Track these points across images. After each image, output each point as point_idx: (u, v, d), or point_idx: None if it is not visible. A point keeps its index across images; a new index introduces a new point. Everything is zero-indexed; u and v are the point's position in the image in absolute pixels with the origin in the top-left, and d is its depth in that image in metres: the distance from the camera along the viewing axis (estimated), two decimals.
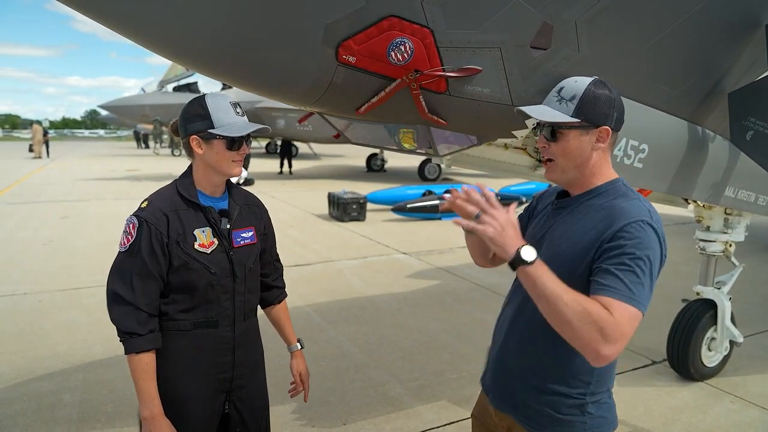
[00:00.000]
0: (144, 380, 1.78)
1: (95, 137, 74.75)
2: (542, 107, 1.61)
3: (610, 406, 1.64)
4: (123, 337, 1.78)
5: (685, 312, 4.08)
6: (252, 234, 2.00)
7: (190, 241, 1.82)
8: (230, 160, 1.84)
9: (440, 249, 8.47)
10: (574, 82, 1.56)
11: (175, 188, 1.88)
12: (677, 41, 2.54)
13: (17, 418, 3.44)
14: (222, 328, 1.92)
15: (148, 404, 1.78)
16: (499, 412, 1.73)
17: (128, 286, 1.77)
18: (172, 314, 1.85)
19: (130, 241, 1.79)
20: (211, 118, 1.78)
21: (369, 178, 19.40)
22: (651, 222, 1.44)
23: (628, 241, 1.41)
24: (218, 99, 1.82)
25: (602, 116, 1.53)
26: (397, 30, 2.05)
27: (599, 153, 1.57)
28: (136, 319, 1.76)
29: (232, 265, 1.90)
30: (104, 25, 1.94)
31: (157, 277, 1.80)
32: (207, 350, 1.90)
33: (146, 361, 1.78)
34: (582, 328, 1.32)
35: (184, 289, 1.84)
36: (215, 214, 1.89)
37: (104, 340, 4.64)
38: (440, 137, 2.70)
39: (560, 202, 1.66)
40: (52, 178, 18.01)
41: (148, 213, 1.80)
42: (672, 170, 2.83)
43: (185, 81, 24.06)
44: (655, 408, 3.72)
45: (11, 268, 6.89)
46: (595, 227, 1.49)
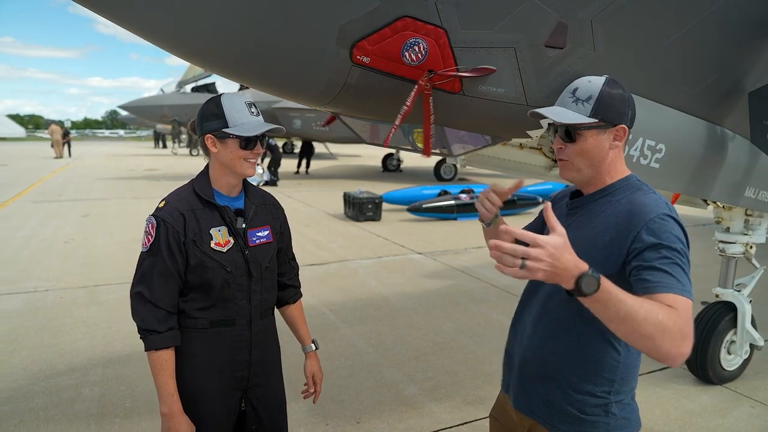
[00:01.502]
0: (163, 377, 1.81)
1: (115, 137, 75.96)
2: (558, 109, 1.59)
3: (633, 408, 1.63)
4: (143, 334, 1.81)
5: (704, 314, 4.03)
6: (268, 233, 2.01)
7: (206, 240, 1.84)
8: (244, 160, 1.85)
9: (455, 249, 8.45)
10: (588, 82, 1.55)
11: (191, 188, 1.91)
12: (695, 40, 2.51)
13: (38, 412, 3.51)
14: (239, 326, 1.93)
15: (167, 401, 1.81)
16: (521, 413, 1.72)
17: (149, 284, 1.80)
18: (190, 312, 1.88)
19: (150, 240, 1.82)
20: (225, 118, 1.80)
21: (385, 178, 19.43)
22: (671, 214, 1.45)
23: (661, 236, 1.39)
24: (233, 99, 1.84)
25: (619, 115, 1.53)
26: (411, 30, 2.06)
27: (615, 151, 1.57)
28: (155, 316, 1.79)
29: (247, 263, 1.92)
30: (126, 28, 1.97)
31: (176, 275, 1.83)
32: (224, 348, 1.92)
33: (165, 358, 1.81)
34: (664, 338, 1.24)
35: (201, 288, 1.87)
36: (231, 213, 1.91)
37: (123, 337, 4.72)
38: (455, 137, 2.70)
39: (575, 202, 1.65)
40: (74, 177, 18.32)
41: (165, 213, 1.83)
42: (690, 170, 2.80)
43: (203, 82, 24.27)
44: (672, 411, 3.68)
45: (34, 265, 7.03)
46: (616, 224, 1.48)
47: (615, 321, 1.26)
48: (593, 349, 1.49)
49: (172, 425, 1.81)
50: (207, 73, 22.42)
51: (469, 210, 11.03)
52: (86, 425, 3.38)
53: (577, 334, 1.53)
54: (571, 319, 1.55)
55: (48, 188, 15.01)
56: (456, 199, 11.08)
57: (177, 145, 33.42)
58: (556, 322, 1.58)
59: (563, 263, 1.22)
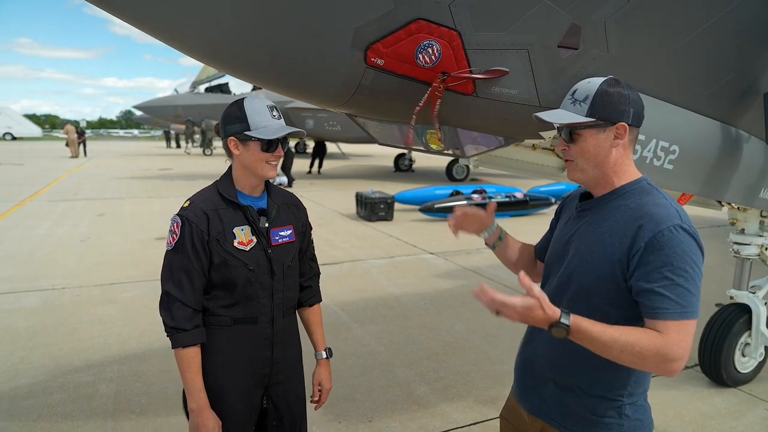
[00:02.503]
0: (190, 373, 1.85)
1: (129, 137, 76.66)
2: (558, 111, 1.61)
3: (646, 408, 1.63)
4: (170, 332, 1.85)
5: (718, 316, 4.00)
6: (290, 232, 2.05)
7: (229, 239, 1.88)
8: (265, 162, 1.89)
9: (467, 249, 8.44)
10: (587, 83, 1.56)
11: (215, 188, 1.96)
12: (710, 40, 2.50)
13: (56, 408, 3.58)
14: (261, 324, 1.97)
15: (194, 396, 1.85)
16: (532, 415, 1.72)
17: (175, 282, 1.85)
18: (214, 310, 1.92)
19: (175, 239, 1.86)
20: (247, 121, 1.85)
21: (397, 178, 19.43)
22: (682, 224, 1.42)
23: (666, 252, 1.39)
24: (256, 102, 1.88)
25: (617, 113, 1.51)
26: (425, 33, 2.07)
27: (619, 150, 1.55)
28: (182, 314, 1.84)
29: (270, 262, 1.95)
30: (141, 29, 2.01)
31: (201, 273, 1.87)
32: (246, 346, 1.95)
33: (192, 355, 1.85)
34: (646, 363, 1.38)
35: (225, 286, 1.90)
36: (254, 212, 1.94)
37: (138, 335, 4.79)
38: (467, 138, 2.71)
39: (584, 204, 1.65)
40: (89, 176, 18.54)
41: (190, 212, 1.87)
42: (704, 172, 2.78)
43: (216, 82, 24.50)
44: (685, 413, 3.66)
45: (51, 264, 7.14)
46: (623, 230, 1.47)
47: (596, 351, 1.41)
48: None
49: (200, 420, 1.85)
50: (220, 74, 22.63)
51: None
52: (102, 421, 3.43)
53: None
54: None
55: (64, 187, 15.21)
56: (468, 199, 11.06)
57: (190, 145, 33.70)
58: None
59: (534, 320, 1.39)
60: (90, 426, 3.38)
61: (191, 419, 1.87)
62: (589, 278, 1.52)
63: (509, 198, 11.45)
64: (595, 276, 1.51)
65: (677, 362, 1.37)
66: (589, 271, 1.52)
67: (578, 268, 1.56)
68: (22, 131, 54.83)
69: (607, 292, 1.50)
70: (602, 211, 1.57)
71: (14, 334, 4.78)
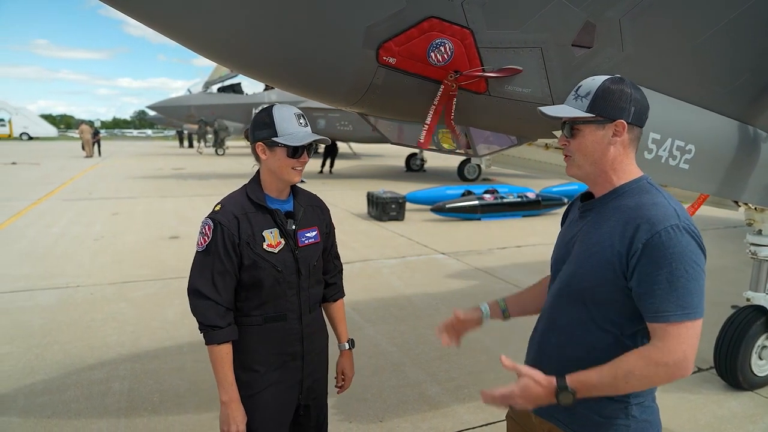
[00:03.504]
0: (223, 368, 1.92)
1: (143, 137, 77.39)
2: (561, 106, 1.62)
3: (654, 410, 1.61)
4: (205, 329, 1.91)
5: (735, 318, 3.94)
6: (316, 233, 2.12)
7: (258, 242, 1.95)
8: (290, 168, 1.96)
9: (479, 249, 8.41)
10: (592, 80, 1.56)
11: (244, 192, 2.02)
12: (727, 38, 2.47)
13: (70, 404, 3.61)
14: (290, 320, 2.04)
15: (227, 390, 1.93)
16: (539, 417, 1.71)
17: (208, 282, 1.91)
18: (246, 311, 1.99)
19: (207, 241, 1.92)
20: (275, 127, 1.90)
21: (408, 177, 19.42)
22: (680, 224, 1.41)
23: (664, 254, 1.39)
24: (283, 110, 1.94)
25: (617, 110, 1.51)
26: (437, 31, 2.06)
27: (617, 148, 1.54)
28: (216, 312, 1.90)
29: (297, 263, 2.03)
30: (153, 28, 2.02)
31: (232, 274, 1.94)
32: (278, 341, 2.03)
33: (226, 351, 1.92)
34: (655, 380, 1.42)
35: (254, 286, 1.97)
36: (282, 216, 2.01)
37: (151, 333, 4.83)
38: (480, 137, 2.70)
39: (586, 205, 1.65)
40: (103, 176, 18.73)
41: (221, 216, 1.93)
42: (721, 171, 2.75)
43: (229, 82, 24.61)
44: (700, 417, 3.61)
45: (65, 262, 7.22)
46: (621, 231, 1.46)
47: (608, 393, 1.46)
48: (609, 354, 1.48)
49: (230, 411, 1.93)
50: (233, 74, 22.75)
51: (493, 210, 10.98)
52: (116, 418, 3.46)
53: (593, 341, 1.53)
54: (585, 326, 1.56)
55: (79, 187, 15.38)
56: (480, 199, 11.02)
57: (203, 145, 33.92)
58: (571, 328, 1.59)
59: (536, 397, 1.46)
60: (103, 423, 3.40)
61: (222, 410, 1.95)
62: (588, 279, 1.53)
63: (521, 198, 11.39)
64: (594, 278, 1.51)
65: (682, 364, 1.39)
66: (589, 272, 1.52)
67: (578, 269, 1.56)
68: (38, 131, 55.51)
69: (607, 294, 1.50)
70: (603, 211, 1.57)
71: (30, 331, 4.84)
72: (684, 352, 1.38)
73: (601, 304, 1.51)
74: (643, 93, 1.56)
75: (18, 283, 6.24)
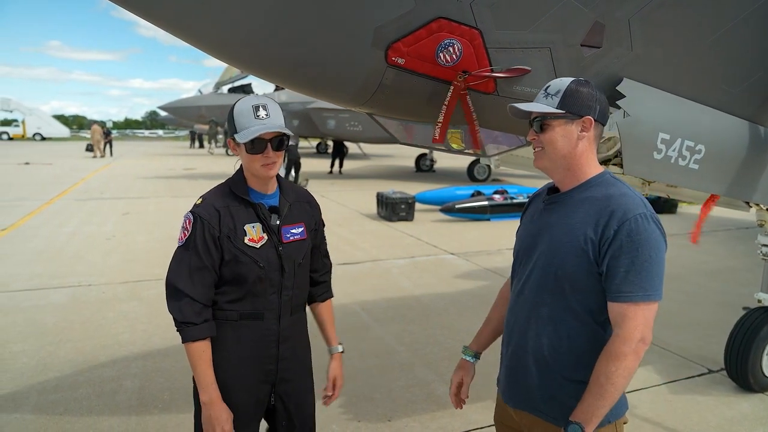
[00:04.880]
0: (201, 367, 1.86)
1: (154, 137, 77.85)
2: (533, 103, 1.71)
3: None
4: (180, 326, 1.85)
5: (746, 320, 3.91)
6: (302, 230, 2.03)
7: (240, 236, 1.88)
8: (258, 164, 1.87)
9: (488, 250, 8.40)
10: (560, 80, 1.68)
11: (227, 186, 1.96)
12: (738, 38, 2.45)
13: (82, 402, 3.66)
14: (267, 320, 1.97)
15: (206, 389, 1.87)
16: (518, 410, 1.78)
17: (185, 278, 1.85)
18: (221, 304, 1.93)
19: (187, 235, 1.87)
20: (234, 123, 1.84)
21: (418, 178, 19.41)
22: (647, 212, 1.54)
23: (634, 239, 1.50)
24: (243, 103, 1.87)
25: (585, 107, 1.63)
26: (445, 31, 2.07)
27: (584, 143, 1.65)
28: (192, 309, 1.84)
29: (280, 259, 1.95)
30: (167, 31, 2.05)
31: (211, 269, 1.88)
32: (252, 341, 1.96)
33: (202, 349, 1.86)
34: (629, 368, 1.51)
35: (234, 281, 1.91)
36: (265, 210, 1.94)
37: (162, 331, 4.87)
38: (489, 137, 2.70)
39: (552, 198, 1.73)
40: (115, 176, 18.89)
41: (202, 209, 1.88)
42: (731, 172, 2.73)
43: (240, 83, 24.72)
44: (711, 419, 3.59)
45: (78, 261, 7.29)
46: (591, 219, 1.57)
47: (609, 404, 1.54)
48: (583, 339, 1.61)
49: (212, 413, 1.86)
50: (244, 75, 22.85)
51: (502, 211, 10.94)
52: (127, 416, 3.50)
53: (568, 329, 1.63)
54: (561, 315, 1.64)
55: (91, 186, 15.52)
56: (489, 199, 11.00)
57: (213, 145, 34.11)
58: (547, 318, 1.66)
59: None
60: (114, 420, 3.44)
61: (204, 412, 1.89)
62: (563, 269, 1.61)
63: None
64: (569, 266, 1.60)
65: (640, 345, 1.51)
66: (560, 258, 1.62)
67: (553, 260, 1.64)
68: (51, 132, 56.06)
69: (583, 282, 1.59)
70: (570, 203, 1.66)
71: (43, 329, 4.90)
72: (642, 334, 1.50)
73: (578, 292, 1.60)
74: (605, 96, 1.69)
75: (32, 281, 6.32)
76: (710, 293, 6.33)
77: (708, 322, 5.32)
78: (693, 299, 6.07)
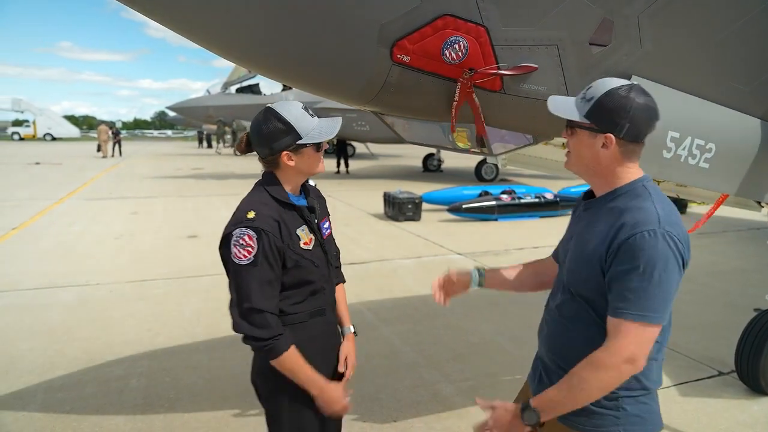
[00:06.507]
0: (302, 368, 1.89)
1: (163, 137, 78.25)
2: (568, 100, 1.63)
3: (651, 407, 1.61)
4: (267, 343, 1.82)
5: (757, 321, 3.86)
6: (328, 224, 2.14)
7: (296, 241, 1.91)
8: (318, 161, 1.98)
9: (495, 250, 8.36)
10: (602, 83, 1.55)
11: (266, 193, 1.93)
12: (750, 35, 2.42)
13: (89, 400, 3.67)
14: (327, 314, 2.08)
15: (314, 382, 1.91)
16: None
17: (258, 294, 1.81)
18: (285, 309, 1.93)
19: (253, 252, 1.81)
20: (296, 131, 1.87)
21: (425, 178, 19.37)
22: (658, 229, 1.42)
23: (636, 255, 1.42)
24: (292, 109, 1.88)
25: (609, 123, 1.51)
26: (451, 29, 2.05)
27: (609, 157, 1.54)
28: (273, 322, 1.84)
29: (326, 255, 2.05)
30: (171, 29, 2.04)
31: (278, 280, 1.89)
32: (322, 336, 2.05)
33: (296, 353, 1.88)
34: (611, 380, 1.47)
35: (298, 285, 1.94)
36: (306, 212, 1.99)
37: (168, 330, 4.88)
38: (495, 136, 2.68)
39: (586, 204, 1.69)
40: (124, 176, 19.00)
41: (262, 223, 1.83)
42: (742, 171, 2.69)
43: (248, 83, 24.75)
44: (721, 421, 3.54)
45: (86, 260, 7.33)
46: (606, 231, 1.51)
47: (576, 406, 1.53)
48: (599, 345, 1.53)
49: (329, 395, 1.93)
50: (251, 75, 22.90)
51: (510, 211, 10.90)
52: (133, 414, 3.50)
53: (586, 333, 1.59)
54: (579, 319, 1.61)
55: (99, 186, 15.62)
56: (497, 199, 10.95)
57: (221, 145, 34.19)
58: (567, 321, 1.65)
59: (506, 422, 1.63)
60: (120, 419, 3.44)
61: (320, 400, 1.93)
62: (579, 276, 1.59)
63: (539, 199, 11.29)
64: (584, 275, 1.57)
65: (626, 365, 1.44)
66: (580, 270, 1.58)
67: (573, 267, 1.62)
68: (61, 132, 56.54)
69: (594, 291, 1.55)
70: (598, 212, 1.60)
71: (50, 327, 4.92)
72: (632, 353, 1.43)
73: (589, 300, 1.57)
74: (651, 108, 1.52)
75: (40, 280, 6.35)
76: (720, 294, 6.26)
77: (718, 323, 5.26)
78: (703, 300, 6.00)
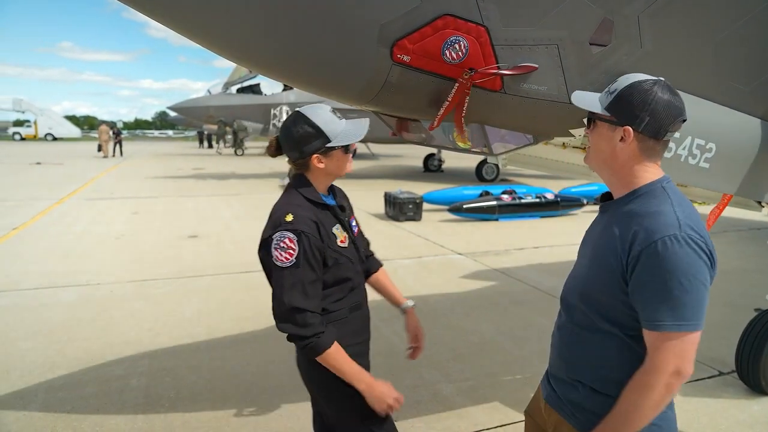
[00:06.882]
0: (346, 363, 1.93)
1: (164, 137, 78.29)
2: (591, 97, 1.62)
3: (667, 416, 1.58)
4: (310, 341, 1.86)
5: (757, 321, 3.85)
6: (356, 221, 2.22)
7: (333, 240, 1.98)
8: (347, 163, 2.05)
9: (496, 250, 8.36)
10: (626, 78, 1.53)
11: (300, 195, 1.99)
12: (750, 35, 2.41)
13: (89, 400, 3.67)
14: (363, 308, 2.17)
15: (360, 378, 1.95)
16: (549, 407, 1.75)
17: (301, 295, 1.86)
18: (327, 306, 1.99)
19: (294, 254, 1.86)
20: (325, 134, 1.94)
21: (426, 178, 19.38)
22: (679, 234, 1.37)
23: (658, 264, 1.37)
24: (321, 113, 1.96)
25: (629, 116, 1.48)
26: (451, 28, 2.05)
27: (626, 153, 1.52)
28: (315, 320, 1.88)
29: (358, 252, 2.12)
30: (171, 28, 2.04)
31: (320, 279, 1.94)
32: (362, 329, 2.16)
33: (339, 349, 1.92)
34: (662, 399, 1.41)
35: (337, 282, 2.01)
36: (338, 211, 2.06)
37: (169, 330, 4.88)
38: (495, 136, 2.68)
39: (604, 206, 1.66)
40: (125, 175, 19.02)
41: (301, 225, 1.88)
42: (743, 171, 2.69)
43: (248, 83, 24.75)
44: (721, 421, 3.54)
45: (87, 260, 7.34)
46: (622, 237, 1.46)
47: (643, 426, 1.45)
48: (614, 354, 1.52)
49: (379, 391, 1.96)
50: (252, 75, 22.89)
51: (510, 211, 10.90)
52: (133, 414, 3.50)
53: (600, 340, 1.56)
54: (593, 326, 1.57)
55: (101, 186, 15.63)
56: (497, 199, 10.95)
57: (222, 145, 34.20)
58: (580, 328, 1.62)
59: None
60: (121, 419, 3.45)
61: (369, 396, 1.95)
62: (594, 282, 1.54)
63: (540, 199, 11.29)
64: (599, 281, 1.52)
65: (674, 378, 1.39)
66: (595, 275, 1.54)
67: (588, 271, 1.58)
68: (62, 132, 56.59)
69: (610, 297, 1.50)
70: (615, 214, 1.56)
71: (51, 327, 4.93)
72: (676, 366, 1.38)
73: (604, 307, 1.53)
74: (675, 105, 1.49)
75: (41, 279, 6.36)
76: (721, 294, 6.26)
77: (719, 323, 5.26)
78: None
